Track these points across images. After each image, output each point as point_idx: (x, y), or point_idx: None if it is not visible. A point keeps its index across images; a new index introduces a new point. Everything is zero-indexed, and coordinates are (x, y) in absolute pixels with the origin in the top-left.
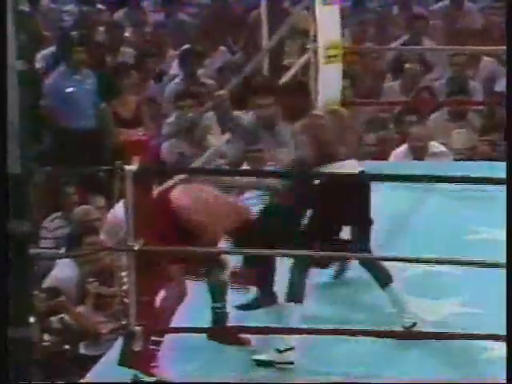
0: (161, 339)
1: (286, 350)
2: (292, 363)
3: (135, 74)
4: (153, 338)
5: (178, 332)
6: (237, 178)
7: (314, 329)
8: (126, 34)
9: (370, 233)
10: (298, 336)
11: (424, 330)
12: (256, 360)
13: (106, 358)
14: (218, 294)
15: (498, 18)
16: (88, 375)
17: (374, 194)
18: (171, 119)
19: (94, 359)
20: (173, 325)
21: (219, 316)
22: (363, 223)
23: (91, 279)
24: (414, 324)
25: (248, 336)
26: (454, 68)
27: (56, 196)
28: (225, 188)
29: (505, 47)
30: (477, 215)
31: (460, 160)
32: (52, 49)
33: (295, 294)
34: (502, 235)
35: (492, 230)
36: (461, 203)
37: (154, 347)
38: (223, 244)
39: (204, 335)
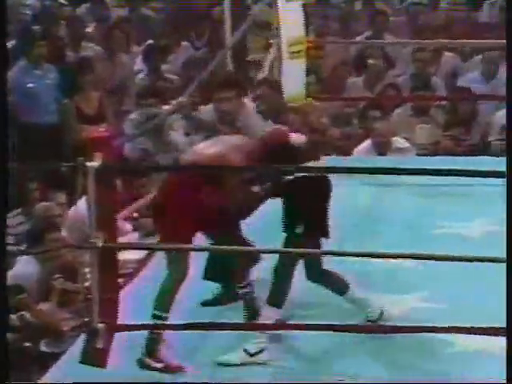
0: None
1: (257, 353)
2: (265, 363)
3: (98, 70)
4: None
5: (141, 329)
6: None
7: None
8: (89, 30)
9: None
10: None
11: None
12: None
13: (68, 355)
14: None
15: (460, 14)
16: (49, 373)
17: (341, 190)
18: (134, 116)
19: (56, 357)
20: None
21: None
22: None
23: (56, 275)
24: (382, 313)
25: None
26: (416, 64)
27: (18, 192)
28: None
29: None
30: (442, 210)
31: (423, 155)
32: (12, 42)
33: (277, 298)
34: (466, 229)
35: (457, 224)
36: (427, 199)
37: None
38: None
39: None
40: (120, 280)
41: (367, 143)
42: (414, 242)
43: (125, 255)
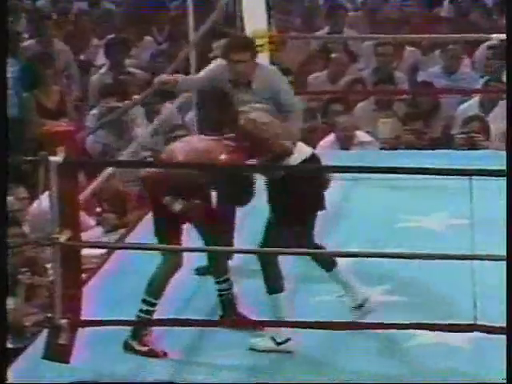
0: None
1: (284, 342)
2: (291, 352)
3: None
4: None
5: (105, 325)
6: None
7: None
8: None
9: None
10: None
11: (351, 318)
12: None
13: (30, 350)
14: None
15: (419, 9)
16: (10, 368)
17: None
18: (96, 110)
19: (17, 352)
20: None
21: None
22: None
23: (23, 269)
24: (366, 300)
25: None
26: (379, 58)
27: None
28: None
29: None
30: (406, 204)
31: (386, 149)
32: None
33: (274, 284)
34: (430, 223)
35: (420, 218)
36: (392, 193)
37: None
38: None
39: None
40: (83, 275)
41: (331, 137)
42: (379, 237)
43: (87, 250)
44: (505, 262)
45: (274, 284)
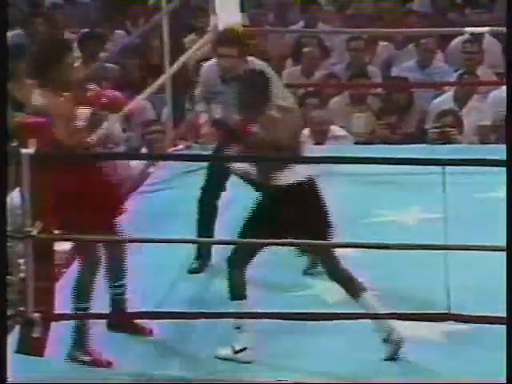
0: None
1: (241, 351)
2: (249, 363)
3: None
4: None
5: (75, 319)
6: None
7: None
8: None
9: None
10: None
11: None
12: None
13: None
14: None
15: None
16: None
17: None
18: None
19: None
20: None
21: (118, 301)
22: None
23: None
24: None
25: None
26: (352, 53)
27: None
28: None
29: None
30: (379, 198)
31: (360, 143)
32: None
33: (237, 291)
34: (402, 217)
35: (393, 212)
36: (364, 187)
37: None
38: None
39: None
40: (56, 269)
41: (305, 131)
42: (352, 231)
43: (60, 245)
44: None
45: (236, 291)
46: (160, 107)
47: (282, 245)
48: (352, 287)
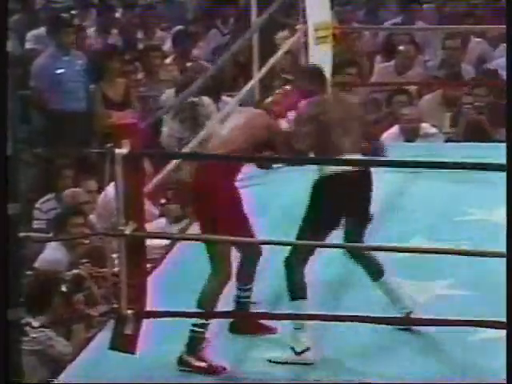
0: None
1: (304, 351)
2: (312, 363)
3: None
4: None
5: (169, 316)
6: None
7: (308, 314)
8: (117, 16)
9: (366, 227)
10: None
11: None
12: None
13: (97, 340)
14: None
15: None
16: (78, 358)
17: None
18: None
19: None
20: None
21: (243, 304)
22: (362, 216)
23: (83, 260)
24: (409, 313)
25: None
26: (447, 51)
27: (51, 177)
28: None
29: None
30: (472, 197)
31: (450, 141)
32: (43, 29)
33: (297, 290)
34: (491, 216)
35: (482, 211)
36: (454, 185)
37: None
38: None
39: None
40: (148, 266)
41: (395, 129)
42: (443, 229)
43: (152, 241)
44: None
45: (297, 290)
46: None
47: (328, 247)
48: (374, 269)
